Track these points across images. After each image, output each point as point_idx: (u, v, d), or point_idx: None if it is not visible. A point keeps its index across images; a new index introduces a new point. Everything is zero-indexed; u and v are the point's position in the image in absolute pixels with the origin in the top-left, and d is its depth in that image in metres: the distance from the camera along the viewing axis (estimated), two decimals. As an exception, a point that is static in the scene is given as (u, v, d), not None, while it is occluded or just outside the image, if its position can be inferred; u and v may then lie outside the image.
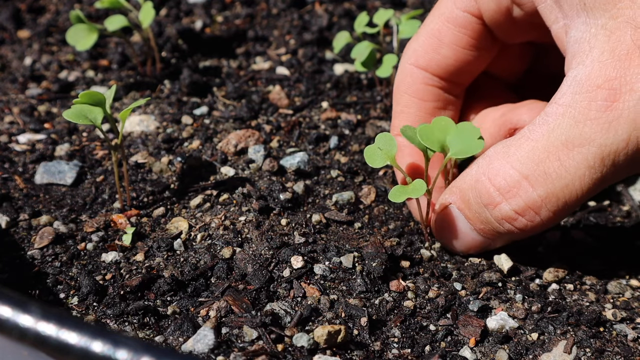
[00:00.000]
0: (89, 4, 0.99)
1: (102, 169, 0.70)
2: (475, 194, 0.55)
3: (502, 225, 0.55)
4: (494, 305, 0.57)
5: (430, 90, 0.63)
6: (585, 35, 0.51)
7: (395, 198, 0.57)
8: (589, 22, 0.51)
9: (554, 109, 0.52)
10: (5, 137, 0.74)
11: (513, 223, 0.54)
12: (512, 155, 0.53)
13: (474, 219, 0.57)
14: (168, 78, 0.84)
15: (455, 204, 0.58)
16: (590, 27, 0.50)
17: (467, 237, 0.59)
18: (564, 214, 0.53)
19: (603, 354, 0.53)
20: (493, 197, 0.54)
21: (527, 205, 0.53)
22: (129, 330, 0.53)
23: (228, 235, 0.62)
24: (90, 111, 0.59)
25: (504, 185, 0.53)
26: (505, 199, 0.54)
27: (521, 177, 0.53)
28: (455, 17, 0.60)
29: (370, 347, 0.53)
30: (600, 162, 0.50)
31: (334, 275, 0.58)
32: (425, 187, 0.56)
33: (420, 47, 0.62)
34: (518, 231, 0.55)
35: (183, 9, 0.97)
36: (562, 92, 0.52)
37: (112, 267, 0.59)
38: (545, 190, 0.52)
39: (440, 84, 0.63)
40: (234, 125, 0.76)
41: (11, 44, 0.91)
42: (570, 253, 0.63)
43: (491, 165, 0.54)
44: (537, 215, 0.53)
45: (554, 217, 0.53)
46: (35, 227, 0.62)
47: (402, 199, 0.56)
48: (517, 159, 0.53)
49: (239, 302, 0.55)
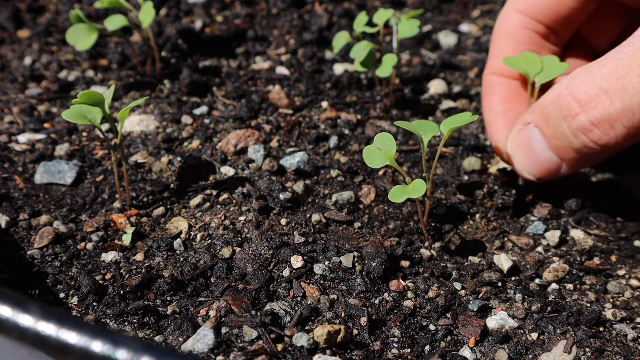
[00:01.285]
0: (89, 4, 0.99)
1: (102, 169, 0.70)
2: (555, 107, 0.57)
3: (577, 137, 0.56)
4: (494, 305, 0.57)
5: (527, 33, 0.65)
6: None
7: (395, 198, 0.57)
8: None
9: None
10: (5, 137, 0.74)
11: (588, 135, 0.55)
12: (595, 72, 0.55)
13: (551, 134, 0.58)
14: (168, 78, 0.84)
15: (534, 122, 0.60)
16: None
17: (542, 158, 0.60)
18: (637, 133, 0.54)
19: (603, 354, 0.53)
20: (572, 108, 0.56)
21: (603, 118, 0.54)
22: (129, 330, 0.53)
23: (228, 235, 0.62)
24: (90, 111, 0.59)
25: (584, 98, 0.55)
26: (584, 111, 0.55)
27: (601, 91, 0.54)
28: None
29: (370, 347, 0.53)
30: None
31: (334, 275, 0.58)
32: (425, 187, 0.56)
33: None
34: (592, 146, 0.56)
35: (183, 9, 0.97)
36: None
37: (112, 267, 0.59)
38: (622, 104, 0.53)
39: (537, 29, 0.65)
40: (234, 125, 0.76)
41: (11, 44, 0.91)
42: (570, 252, 0.63)
43: (574, 82, 0.56)
44: (612, 129, 0.55)
45: (627, 135, 0.55)
46: (35, 227, 0.62)
47: (402, 199, 0.56)
48: (600, 75, 0.54)
49: (239, 302, 0.55)
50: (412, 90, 0.83)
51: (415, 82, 0.84)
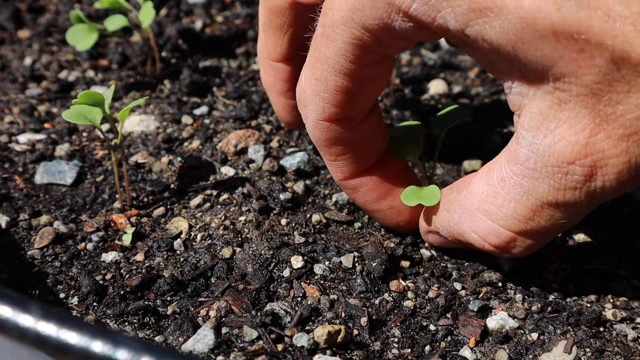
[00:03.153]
0: (89, 4, 0.99)
1: (102, 169, 0.70)
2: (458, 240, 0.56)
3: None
4: (494, 305, 0.57)
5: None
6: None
7: (407, 200, 0.56)
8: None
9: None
10: (5, 137, 0.74)
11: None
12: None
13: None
14: (168, 78, 0.84)
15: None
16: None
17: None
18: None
19: (603, 354, 0.53)
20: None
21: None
22: (129, 330, 0.53)
23: (228, 235, 0.62)
24: (90, 111, 0.59)
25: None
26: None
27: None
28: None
29: (370, 347, 0.53)
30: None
31: (334, 275, 0.58)
32: (439, 196, 0.56)
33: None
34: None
35: (183, 9, 0.97)
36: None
37: (112, 267, 0.59)
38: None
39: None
40: (234, 125, 0.76)
41: (11, 44, 0.91)
42: (570, 253, 0.63)
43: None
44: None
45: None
46: (35, 227, 0.62)
47: (414, 203, 0.56)
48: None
49: (239, 302, 0.55)
50: (412, 90, 0.83)
51: (415, 82, 0.84)
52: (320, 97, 0.52)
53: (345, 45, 0.48)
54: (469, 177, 0.54)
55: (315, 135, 0.55)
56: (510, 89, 0.46)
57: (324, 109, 0.53)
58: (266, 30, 0.62)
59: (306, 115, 0.54)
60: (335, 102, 0.52)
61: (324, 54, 0.50)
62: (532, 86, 0.44)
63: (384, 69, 0.52)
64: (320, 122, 0.53)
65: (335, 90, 0.51)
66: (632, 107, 0.41)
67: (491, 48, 0.43)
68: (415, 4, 0.43)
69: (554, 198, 0.47)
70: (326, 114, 0.53)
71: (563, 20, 0.39)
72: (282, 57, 0.64)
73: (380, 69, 0.51)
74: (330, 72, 0.50)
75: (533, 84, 0.44)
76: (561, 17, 0.39)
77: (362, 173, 0.58)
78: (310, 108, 0.53)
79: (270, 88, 0.66)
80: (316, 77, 0.51)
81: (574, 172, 0.45)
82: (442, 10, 0.43)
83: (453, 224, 0.54)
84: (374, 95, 0.54)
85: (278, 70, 0.64)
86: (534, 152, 0.46)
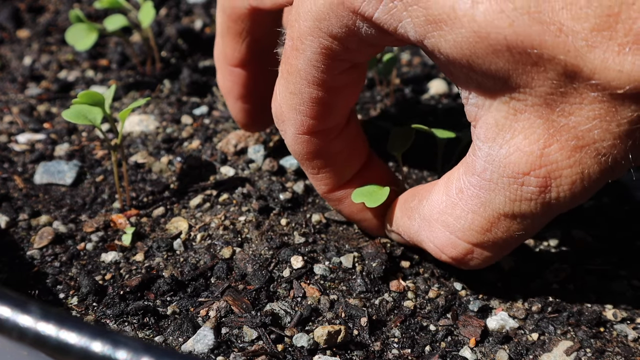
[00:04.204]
0: (89, 3, 0.99)
1: (102, 169, 0.70)
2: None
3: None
4: (494, 305, 0.57)
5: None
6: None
7: (354, 197, 0.57)
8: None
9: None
10: (5, 137, 0.74)
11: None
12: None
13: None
14: (168, 78, 0.84)
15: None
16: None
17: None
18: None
19: (603, 354, 0.53)
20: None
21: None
22: (129, 331, 0.53)
23: (228, 235, 0.62)
24: (90, 111, 0.59)
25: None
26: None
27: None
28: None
29: (370, 347, 0.53)
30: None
31: (334, 275, 0.58)
32: (383, 199, 0.56)
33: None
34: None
35: (183, 9, 0.97)
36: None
37: (111, 267, 0.59)
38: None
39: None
40: (234, 125, 0.75)
41: (10, 44, 0.91)
42: (570, 253, 0.63)
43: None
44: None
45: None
46: (35, 227, 0.62)
47: (358, 200, 0.56)
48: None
49: (239, 302, 0.55)
50: (413, 90, 0.83)
51: (416, 82, 0.84)
52: (297, 111, 0.52)
53: (315, 56, 0.48)
54: (430, 186, 0.54)
55: (296, 149, 0.55)
56: (467, 100, 0.46)
57: (302, 122, 0.53)
58: (224, 36, 0.62)
59: (285, 131, 0.54)
60: (312, 114, 0.52)
61: (295, 66, 0.50)
62: (488, 97, 0.44)
63: (356, 77, 0.52)
64: (299, 136, 0.54)
65: (310, 102, 0.51)
66: (584, 119, 0.42)
67: (447, 61, 0.43)
68: (377, 13, 0.43)
69: (510, 209, 0.47)
70: (304, 127, 0.53)
71: (516, 36, 0.39)
72: (240, 63, 0.63)
73: (353, 76, 0.52)
74: (304, 84, 0.50)
75: (489, 95, 0.44)
76: (514, 32, 0.39)
77: (346, 184, 0.58)
78: (288, 123, 0.53)
79: (227, 92, 0.66)
80: (290, 90, 0.51)
81: (529, 183, 0.45)
82: (402, 20, 0.43)
83: (413, 231, 0.55)
84: (350, 104, 0.54)
85: (236, 75, 0.64)
86: (490, 163, 0.46)
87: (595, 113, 0.41)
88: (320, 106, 0.52)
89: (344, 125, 0.55)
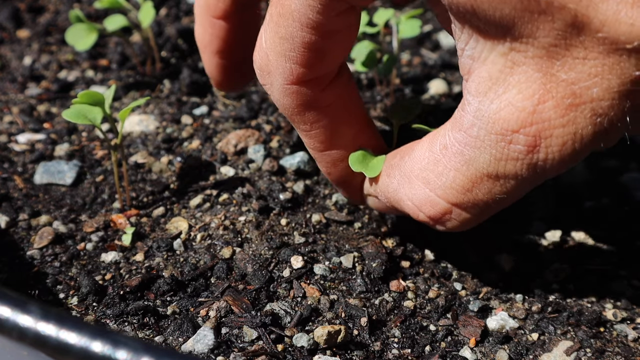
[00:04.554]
0: (89, 3, 0.99)
1: (102, 169, 0.70)
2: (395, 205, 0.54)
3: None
4: (494, 305, 0.57)
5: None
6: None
7: (353, 164, 0.54)
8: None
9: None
10: (5, 137, 0.74)
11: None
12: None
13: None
14: (168, 78, 0.84)
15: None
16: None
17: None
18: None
19: (603, 354, 0.53)
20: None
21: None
22: (129, 331, 0.53)
23: (228, 235, 0.62)
24: (90, 111, 0.59)
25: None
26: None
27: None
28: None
29: (370, 347, 0.53)
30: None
31: (334, 275, 0.58)
32: (380, 168, 0.54)
33: None
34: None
35: (183, 9, 0.97)
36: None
37: (111, 267, 0.59)
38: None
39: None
40: (234, 125, 0.75)
41: (10, 44, 0.91)
42: (570, 253, 0.63)
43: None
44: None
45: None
46: (35, 227, 0.62)
47: (357, 168, 0.54)
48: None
49: (238, 302, 0.55)
50: (413, 90, 0.83)
51: (416, 82, 0.84)
52: (287, 57, 0.49)
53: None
54: (414, 143, 0.52)
55: (285, 103, 0.52)
56: (462, 51, 0.44)
57: (291, 71, 0.50)
58: None
59: (271, 83, 0.51)
60: (303, 61, 0.49)
61: (288, 7, 0.47)
62: (486, 49, 0.42)
63: (353, 20, 0.50)
64: (288, 86, 0.51)
65: (302, 47, 0.48)
66: (584, 75, 0.40)
67: (450, 3, 0.41)
68: None
69: (495, 169, 0.45)
70: (294, 75, 0.50)
71: None
72: (224, 14, 0.60)
73: (349, 19, 0.49)
74: (296, 26, 0.47)
75: (487, 46, 0.42)
76: None
77: (342, 145, 0.55)
78: (275, 73, 0.50)
79: (205, 46, 0.63)
80: (280, 35, 0.48)
81: (517, 142, 0.43)
82: None
83: (391, 189, 0.53)
84: (343, 52, 0.52)
85: (217, 27, 0.61)
86: (478, 119, 0.44)
87: (598, 69, 0.39)
88: (312, 52, 0.49)
89: (336, 75, 0.53)
